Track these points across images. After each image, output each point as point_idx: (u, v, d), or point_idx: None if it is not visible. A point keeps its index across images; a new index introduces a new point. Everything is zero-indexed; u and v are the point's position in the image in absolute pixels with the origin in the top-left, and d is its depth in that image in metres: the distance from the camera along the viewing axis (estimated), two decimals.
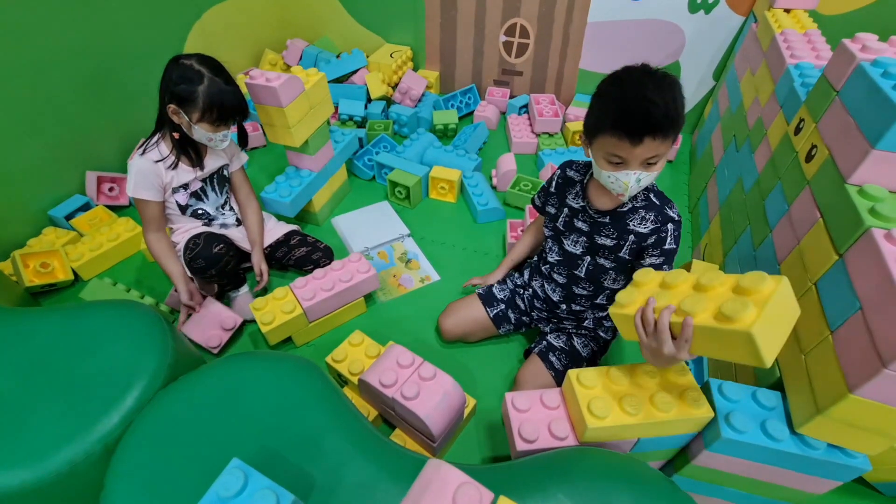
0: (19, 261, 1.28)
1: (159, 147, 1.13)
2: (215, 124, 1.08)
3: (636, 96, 0.78)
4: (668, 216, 0.92)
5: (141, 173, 1.10)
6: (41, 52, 1.35)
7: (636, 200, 0.94)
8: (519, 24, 1.93)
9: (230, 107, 1.08)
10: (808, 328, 0.75)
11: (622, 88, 0.80)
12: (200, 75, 1.04)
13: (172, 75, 1.05)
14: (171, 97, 1.05)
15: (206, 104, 1.05)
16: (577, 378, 0.79)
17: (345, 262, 1.24)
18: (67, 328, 0.88)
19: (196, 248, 1.13)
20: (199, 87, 1.04)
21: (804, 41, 1.21)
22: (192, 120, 1.06)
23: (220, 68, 1.08)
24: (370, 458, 0.71)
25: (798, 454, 0.72)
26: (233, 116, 1.11)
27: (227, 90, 1.07)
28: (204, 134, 1.09)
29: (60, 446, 0.73)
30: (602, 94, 0.84)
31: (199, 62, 1.06)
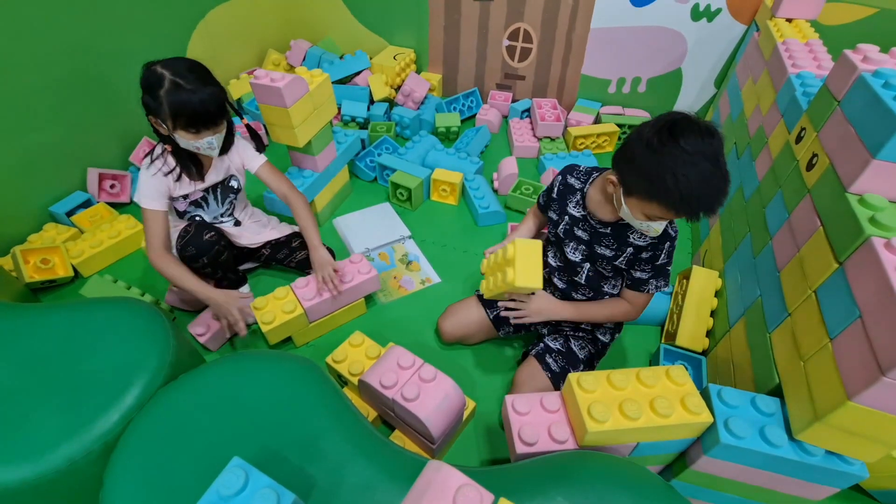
0: (19, 256, 1.27)
1: (166, 158, 1.08)
2: (190, 131, 1.00)
3: (702, 185, 0.76)
4: (666, 234, 0.94)
5: (150, 184, 1.06)
6: (45, 49, 1.36)
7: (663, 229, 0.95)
8: (522, 28, 1.94)
9: (198, 112, 0.98)
10: (807, 335, 0.76)
11: (685, 171, 0.75)
12: (160, 80, 0.95)
13: (141, 84, 0.98)
14: (145, 109, 1.00)
15: (171, 111, 0.97)
16: (578, 382, 0.79)
17: (346, 262, 1.25)
18: (68, 325, 0.88)
19: (187, 236, 1.11)
20: (160, 93, 0.96)
21: (806, 51, 1.22)
22: (169, 129, 1.00)
23: (191, 70, 0.98)
24: (371, 459, 0.71)
25: (796, 460, 0.72)
26: (205, 122, 1.00)
27: (191, 93, 0.96)
28: (187, 142, 1.02)
29: (60, 443, 0.73)
30: (656, 165, 0.77)
31: (164, 65, 0.97)
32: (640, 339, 1.27)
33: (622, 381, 0.79)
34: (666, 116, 0.81)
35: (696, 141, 0.76)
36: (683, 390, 0.79)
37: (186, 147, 1.04)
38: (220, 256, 1.17)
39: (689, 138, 0.76)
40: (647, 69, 1.89)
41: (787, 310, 0.83)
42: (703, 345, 1.15)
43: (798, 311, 0.80)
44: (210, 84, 1.00)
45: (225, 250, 1.18)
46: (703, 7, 1.67)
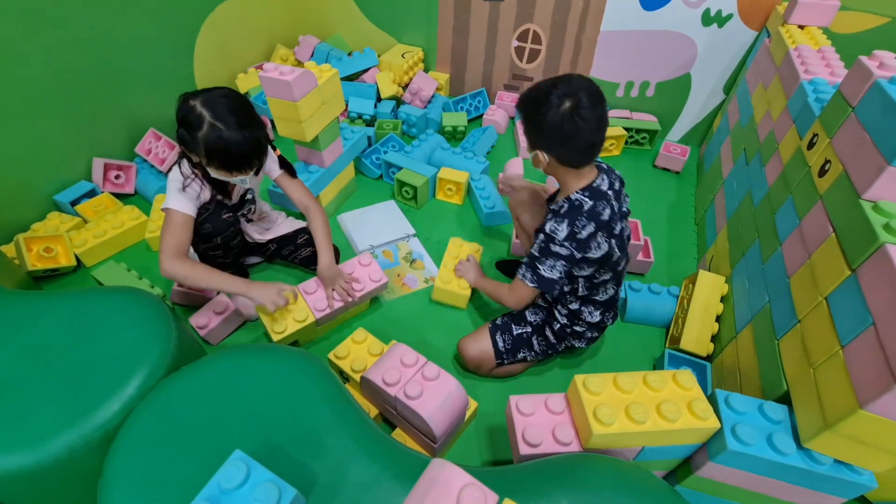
0: (23, 244, 1.27)
1: (181, 167, 1.03)
2: (221, 171, 0.98)
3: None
4: (543, 227, 0.96)
5: (186, 190, 1.01)
6: (54, 39, 1.35)
7: (556, 204, 0.98)
8: (532, 29, 1.93)
9: (233, 156, 0.94)
10: (817, 342, 0.75)
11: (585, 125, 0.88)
12: (199, 121, 0.91)
13: (177, 115, 0.95)
14: (178, 139, 0.97)
15: (206, 152, 0.94)
16: (584, 384, 0.78)
17: (354, 264, 1.23)
18: (72, 313, 0.87)
19: (206, 213, 1.07)
20: (198, 134, 0.92)
21: (818, 57, 1.21)
22: (201, 162, 0.98)
23: (232, 112, 0.93)
24: (373, 456, 0.71)
25: (804, 469, 0.71)
26: (241, 167, 0.97)
27: (231, 138, 0.92)
28: (219, 175, 0.99)
29: (60, 431, 0.72)
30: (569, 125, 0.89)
31: (204, 103, 0.92)
32: (644, 343, 1.26)
33: (629, 384, 0.78)
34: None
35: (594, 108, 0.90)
36: (690, 395, 0.78)
37: (216, 176, 1.01)
38: (234, 240, 1.16)
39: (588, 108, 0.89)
40: (656, 73, 1.88)
41: (797, 316, 0.83)
42: (707, 349, 1.14)
43: (808, 317, 0.80)
44: (250, 127, 0.95)
45: (239, 234, 1.17)
46: (714, 12, 1.67)
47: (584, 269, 0.99)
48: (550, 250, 0.95)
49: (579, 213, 0.93)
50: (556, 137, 0.91)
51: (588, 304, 1.07)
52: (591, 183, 0.96)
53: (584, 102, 0.87)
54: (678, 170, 1.86)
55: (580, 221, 0.92)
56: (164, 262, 0.99)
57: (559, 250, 0.94)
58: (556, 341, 1.12)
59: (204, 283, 1.02)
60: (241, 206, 1.22)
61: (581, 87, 0.88)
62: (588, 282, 1.03)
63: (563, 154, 0.93)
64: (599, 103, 0.89)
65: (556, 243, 0.94)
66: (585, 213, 0.93)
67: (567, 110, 0.87)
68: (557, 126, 0.88)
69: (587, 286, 1.03)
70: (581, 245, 0.93)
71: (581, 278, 1.02)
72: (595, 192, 0.95)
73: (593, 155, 0.95)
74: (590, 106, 0.87)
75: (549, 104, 0.88)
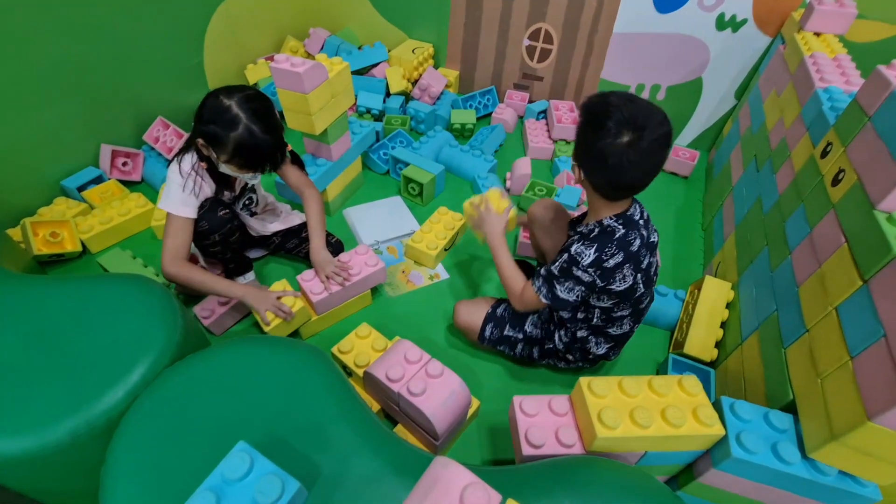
0: (29, 228, 1.27)
1: (199, 174, 1.05)
2: (242, 170, 1.02)
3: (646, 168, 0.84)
4: (568, 248, 0.90)
5: (183, 194, 1.02)
6: (64, 25, 1.35)
7: (586, 226, 0.93)
8: (544, 29, 1.92)
9: (261, 155, 1.00)
10: (826, 352, 0.74)
11: (634, 168, 0.82)
12: (236, 121, 0.95)
13: (206, 113, 0.96)
14: (202, 133, 0.98)
15: (234, 151, 0.97)
16: (589, 386, 0.78)
17: (351, 254, 1.23)
18: (77, 299, 0.87)
19: (201, 210, 1.08)
20: (231, 133, 0.95)
21: (833, 65, 1.20)
22: (219, 158, 1.00)
23: (264, 112, 0.98)
24: (377, 451, 0.70)
25: (808, 479, 0.71)
26: (263, 166, 1.03)
27: (263, 140, 0.97)
28: (231, 171, 1.04)
29: (64, 417, 0.72)
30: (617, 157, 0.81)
31: (240, 104, 0.95)
32: (647, 347, 1.25)
33: (634, 388, 0.78)
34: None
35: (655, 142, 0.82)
36: (696, 401, 0.77)
37: (226, 172, 1.04)
38: (232, 236, 1.15)
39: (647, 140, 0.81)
40: (668, 77, 1.87)
41: (805, 326, 0.82)
42: (711, 355, 1.14)
43: (817, 327, 0.79)
44: (277, 130, 1.00)
45: (237, 230, 1.17)
46: (729, 17, 1.65)
47: (604, 300, 0.94)
48: (572, 273, 0.89)
49: (610, 239, 0.87)
50: (599, 165, 0.83)
51: (599, 335, 1.02)
52: (626, 211, 0.90)
53: (646, 143, 0.78)
54: (686, 174, 1.85)
55: (609, 249, 0.87)
56: (164, 265, 1.03)
57: (581, 275, 0.89)
58: (539, 357, 1.11)
59: (202, 286, 1.05)
60: (242, 196, 1.22)
61: (651, 121, 0.78)
62: (605, 314, 0.98)
63: (600, 184, 0.87)
64: (662, 148, 0.81)
65: (579, 268, 0.88)
66: (616, 241, 0.87)
67: (623, 145, 0.78)
68: (605, 155, 0.80)
69: (602, 318, 0.98)
70: (605, 274, 0.88)
71: (598, 308, 0.97)
72: (628, 220, 0.89)
73: (631, 195, 0.90)
74: (649, 150, 0.79)
75: (606, 129, 0.79)
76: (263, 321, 1.08)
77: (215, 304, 1.19)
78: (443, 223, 1.46)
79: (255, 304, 1.07)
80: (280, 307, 1.08)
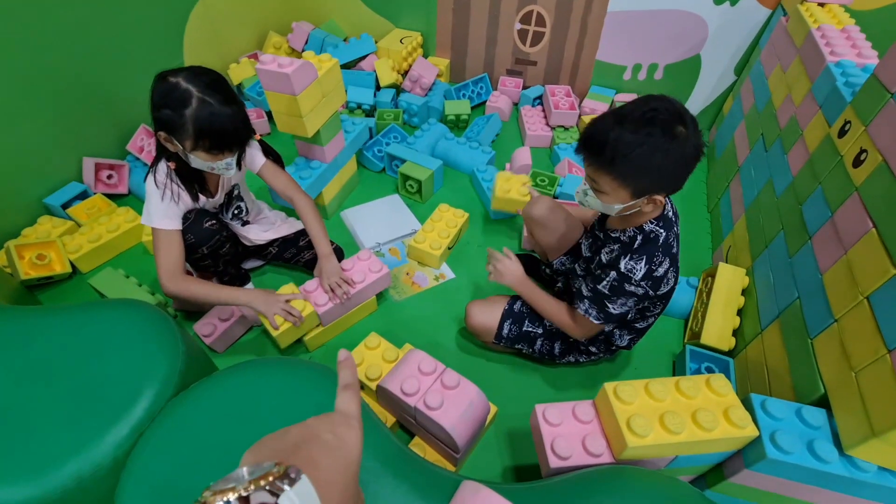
0: (14, 252, 1.21)
1: (173, 178, 0.98)
2: (212, 153, 0.91)
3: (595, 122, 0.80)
4: (616, 264, 0.85)
5: (163, 205, 0.96)
6: (35, 32, 1.27)
7: (623, 233, 0.87)
8: (535, 11, 1.85)
9: (227, 132, 0.90)
10: (859, 344, 0.72)
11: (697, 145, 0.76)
12: (187, 96, 0.85)
13: (155, 97, 0.87)
14: (158, 123, 0.89)
15: (196, 131, 0.87)
16: (615, 392, 0.75)
17: (354, 260, 1.19)
18: (72, 330, 0.82)
19: (186, 223, 1.02)
20: (185, 112, 0.86)
21: (843, 37, 1.16)
22: (185, 148, 0.91)
23: (216, 85, 0.89)
24: (400, 476, 0.67)
25: (847, 476, 0.69)
26: (231, 144, 0.93)
27: (222, 113, 0.88)
28: (202, 163, 0.93)
29: (66, 459, 0.68)
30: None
31: (188, 79, 0.86)
32: (662, 338, 1.23)
33: (661, 392, 0.75)
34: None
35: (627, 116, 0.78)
36: (726, 401, 0.75)
37: (199, 167, 0.95)
38: (221, 248, 1.10)
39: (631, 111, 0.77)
40: (665, 55, 1.82)
41: (833, 315, 0.79)
42: (729, 344, 1.12)
43: (846, 317, 0.76)
44: (235, 102, 0.91)
45: (227, 242, 1.12)
46: None
47: (645, 303, 0.91)
48: (625, 290, 0.85)
49: (655, 247, 0.83)
50: (672, 172, 0.76)
51: (624, 328, 1.01)
52: (664, 211, 0.85)
53: (691, 128, 0.74)
54: None
55: (657, 258, 0.83)
56: (163, 283, 0.98)
57: (634, 290, 0.85)
58: (560, 354, 1.09)
59: (207, 298, 1.01)
60: (229, 205, 1.16)
61: (682, 108, 0.75)
62: (640, 312, 0.95)
63: (660, 189, 0.79)
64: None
65: (631, 283, 0.84)
66: (661, 248, 0.83)
67: (686, 140, 0.73)
68: (681, 157, 0.74)
69: (636, 315, 0.96)
70: (656, 283, 0.84)
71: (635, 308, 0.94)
72: (667, 221, 0.85)
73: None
74: (697, 134, 0.75)
75: (674, 133, 0.73)
76: (272, 326, 1.03)
77: (216, 320, 1.15)
78: (444, 221, 1.41)
79: (264, 308, 1.03)
80: (290, 311, 1.04)
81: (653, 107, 0.74)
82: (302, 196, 1.16)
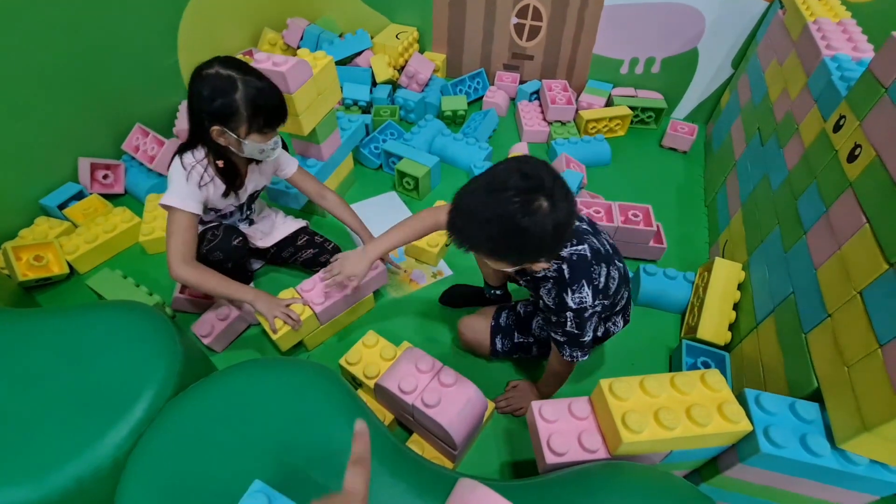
0: (11, 254, 1.21)
1: (207, 170, 1.00)
2: (264, 132, 0.96)
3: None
4: (564, 304, 0.81)
5: (188, 189, 0.97)
6: (28, 31, 1.26)
7: (547, 271, 0.81)
8: (532, 5, 1.84)
9: (274, 105, 0.95)
10: (851, 339, 0.72)
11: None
12: (232, 81, 0.89)
13: (203, 92, 0.89)
14: (212, 118, 0.91)
15: (249, 111, 0.91)
16: (610, 389, 0.76)
17: None
18: (68, 333, 0.83)
19: (214, 241, 1.05)
20: (236, 96, 0.90)
21: (839, 31, 1.15)
22: (239, 136, 0.94)
23: (247, 66, 0.93)
24: (397, 475, 0.68)
25: (839, 470, 0.69)
26: (281, 117, 0.98)
27: (264, 87, 0.93)
28: (255, 147, 0.97)
29: (66, 461, 0.69)
30: None
31: (224, 66, 0.90)
32: (658, 333, 1.24)
33: (656, 388, 0.75)
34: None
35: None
36: (720, 397, 0.75)
37: (251, 154, 0.99)
38: (242, 259, 1.14)
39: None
40: (662, 49, 1.81)
41: (827, 310, 0.80)
42: (725, 339, 1.12)
43: (840, 312, 0.77)
44: (266, 78, 0.95)
45: (246, 255, 1.15)
46: None
47: (607, 308, 0.92)
48: (586, 318, 0.83)
49: (587, 264, 0.80)
50: (550, 243, 0.70)
51: (609, 320, 1.01)
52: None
53: (554, 189, 0.66)
54: (686, 149, 1.81)
55: (594, 271, 0.81)
56: (173, 267, 0.98)
57: (593, 311, 0.83)
58: None
59: (213, 290, 1.01)
60: (250, 203, 1.19)
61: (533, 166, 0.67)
62: (607, 310, 0.95)
63: (549, 253, 0.74)
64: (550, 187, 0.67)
65: (588, 309, 0.81)
66: (592, 260, 0.81)
67: (547, 210, 0.65)
68: (548, 233, 0.66)
69: (607, 311, 0.96)
70: (606, 292, 0.84)
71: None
72: (578, 235, 0.82)
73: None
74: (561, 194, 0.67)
75: (528, 201, 0.65)
76: (272, 328, 1.04)
77: (214, 319, 1.15)
78: None
79: (265, 309, 1.04)
80: (289, 314, 1.04)
81: (509, 185, 0.65)
82: (332, 192, 1.24)
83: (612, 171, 1.72)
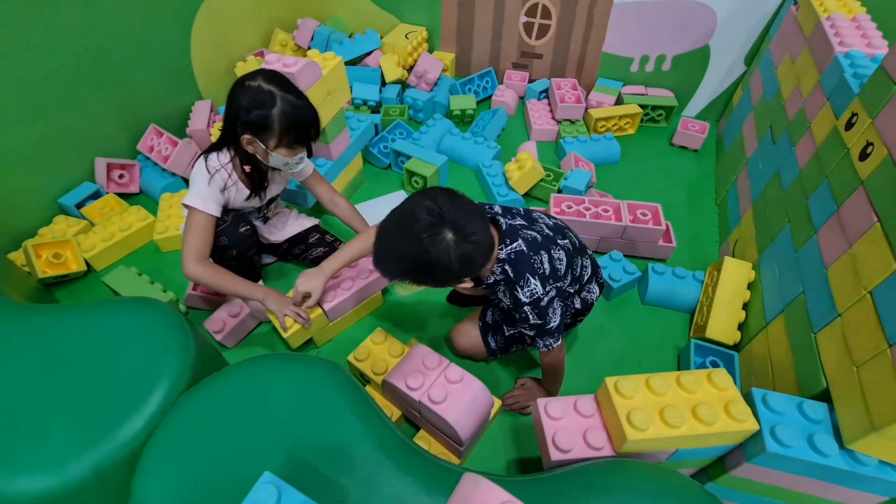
0: (31, 251, 1.25)
1: (231, 174, 1.04)
2: (292, 147, 0.99)
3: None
4: (519, 300, 0.84)
5: (211, 191, 1.00)
6: (45, 33, 1.30)
7: (492, 276, 0.86)
8: (541, 4, 1.84)
9: (307, 123, 0.98)
10: (861, 339, 0.71)
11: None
12: (272, 96, 0.93)
13: (242, 102, 0.93)
14: (245, 126, 0.95)
15: (283, 127, 0.95)
16: (616, 387, 0.76)
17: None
18: (86, 327, 0.85)
19: (222, 226, 1.06)
20: (272, 111, 0.93)
21: (853, 27, 1.14)
22: (268, 147, 0.97)
23: (289, 84, 0.97)
24: (403, 469, 0.69)
25: (847, 470, 0.69)
26: (310, 134, 1.01)
27: (301, 106, 0.96)
28: (280, 160, 1.00)
29: (85, 451, 0.71)
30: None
31: (267, 80, 0.94)
32: (667, 332, 1.23)
33: (662, 387, 0.76)
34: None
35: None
36: (727, 396, 0.75)
37: (276, 165, 1.02)
38: (249, 251, 1.15)
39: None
40: (673, 46, 1.80)
41: (837, 310, 0.79)
42: (734, 338, 1.11)
43: (850, 312, 0.76)
44: (305, 97, 0.99)
45: (254, 245, 1.16)
46: None
47: (565, 288, 0.94)
48: (544, 306, 0.85)
49: (525, 257, 0.83)
50: (466, 268, 0.76)
51: (581, 293, 1.03)
52: (499, 233, 0.86)
53: (456, 219, 0.72)
54: (697, 147, 1.79)
55: (535, 261, 0.83)
56: (186, 265, 1.00)
57: (550, 297, 0.86)
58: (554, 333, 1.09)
59: (224, 288, 1.04)
60: (269, 206, 1.22)
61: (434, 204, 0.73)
62: (574, 283, 0.97)
63: (469, 273, 0.79)
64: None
65: (543, 297, 0.84)
66: (530, 252, 0.83)
67: (452, 241, 0.72)
68: (457, 261, 0.73)
69: (571, 282, 0.97)
70: (554, 274, 0.86)
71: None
72: (510, 233, 0.85)
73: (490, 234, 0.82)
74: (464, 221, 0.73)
75: (437, 233, 0.72)
76: (282, 327, 1.06)
77: (226, 316, 1.17)
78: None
79: (275, 308, 1.05)
80: (299, 313, 1.06)
81: (415, 222, 0.72)
82: (343, 199, 1.24)
83: (622, 170, 1.71)
